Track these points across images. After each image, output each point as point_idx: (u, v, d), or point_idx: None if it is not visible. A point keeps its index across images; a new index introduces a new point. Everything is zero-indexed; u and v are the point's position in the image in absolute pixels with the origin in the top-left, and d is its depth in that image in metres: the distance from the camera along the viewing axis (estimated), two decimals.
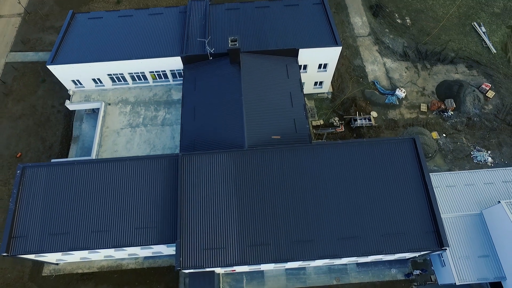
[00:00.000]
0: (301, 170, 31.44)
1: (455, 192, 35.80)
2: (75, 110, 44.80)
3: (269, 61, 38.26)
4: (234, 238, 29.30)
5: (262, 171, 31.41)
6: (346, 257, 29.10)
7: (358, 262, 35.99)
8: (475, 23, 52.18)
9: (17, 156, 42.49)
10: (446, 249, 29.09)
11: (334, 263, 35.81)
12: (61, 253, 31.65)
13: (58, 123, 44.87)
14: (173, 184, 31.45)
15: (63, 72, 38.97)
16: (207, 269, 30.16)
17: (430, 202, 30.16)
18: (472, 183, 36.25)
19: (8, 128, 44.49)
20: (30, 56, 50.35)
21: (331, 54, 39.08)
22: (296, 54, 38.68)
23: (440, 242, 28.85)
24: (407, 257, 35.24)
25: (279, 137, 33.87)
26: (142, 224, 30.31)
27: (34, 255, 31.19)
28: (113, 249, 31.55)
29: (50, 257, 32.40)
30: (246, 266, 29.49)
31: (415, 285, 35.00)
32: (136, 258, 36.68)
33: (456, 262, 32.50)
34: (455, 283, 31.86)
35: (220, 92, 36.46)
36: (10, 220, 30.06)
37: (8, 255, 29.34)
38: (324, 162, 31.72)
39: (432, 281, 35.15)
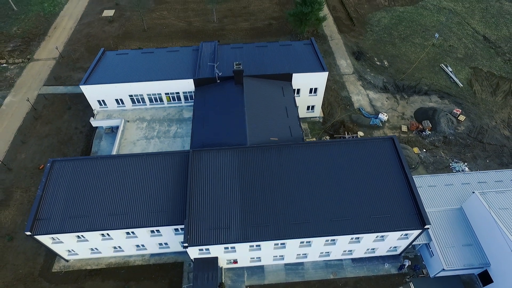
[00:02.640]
0: (296, 163, 35.93)
1: (436, 191, 39.71)
2: (95, 130, 50.56)
3: (268, 83, 45.41)
4: (237, 220, 32.50)
5: (262, 164, 35.84)
6: (338, 235, 31.98)
7: (353, 257, 38.16)
8: (442, 64, 61.29)
9: (40, 168, 46.84)
10: (428, 227, 32.15)
11: (331, 259, 37.99)
12: (76, 239, 34.42)
13: (79, 141, 50.18)
14: (183, 176, 35.59)
15: (92, 92, 45.74)
16: (212, 247, 32.59)
17: (411, 189, 34.04)
18: (451, 183, 40.37)
19: (35, 145, 49.65)
20: (60, 89, 57.96)
21: (319, 79, 46.41)
22: (290, 79, 46.01)
23: (422, 221, 32.08)
24: (398, 251, 37.59)
25: (277, 139, 39.07)
26: (154, 209, 33.69)
27: (51, 240, 34.01)
28: (125, 235, 34.47)
29: (65, 245, 34.81)
30: (247, 243, 31.95)
31: (407, 278, 36.64)
32: (143, 256, 38.72)
33: (443, 250, 35.06)
34: (443, 269, 34.04)
35: (226, 106, 42.71)
36: (37, 204, 33.52)
37: (31, 235, 32.16)
38: (316, 157, 36.37)
39: (424, 274, 36.88)
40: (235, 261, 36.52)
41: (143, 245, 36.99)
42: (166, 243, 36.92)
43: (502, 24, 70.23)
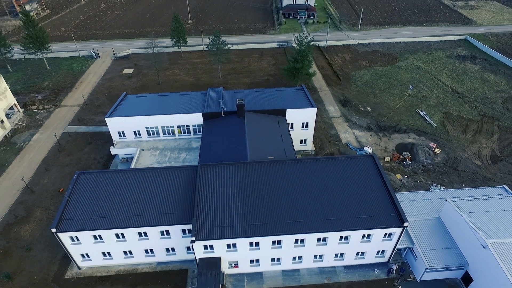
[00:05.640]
0: (291, 175, 41.38)
1: (416, 204, 44.45)
2: (112, 160, 56.73)
3: (266, 117, 53.23)
4: (239, 219, 36.91)
5: (261, 175, 41.29)
6: (328, 231, 36.15)
7: (345, 265, 41.16)
8: (418, 110, 70.31)
9: (60, 191, 51.81)
10: (407, 226, 36.46)
11: (324, 266, 41.00)
12: (93, 240, 38.18)
13: (96, 169, 55.85)
14: (192, 185, 40.74)
15: (114, 124, 53.22)
16: (215, 245, 36.28)
17: (390, 195, 39.10)
18: (429, 199, 45.29)
19: (56, 172, 55.29)
20: (82, 129, 65.67)
21: (309, 114, 54.39)
22: (284, 114, 53.98)
23: (401, 220, 36.58)
24: (386, 257, 40.84)
25: (273, 157, 45.20)
26: (166, 211, 38.26)
27: (70, 240, 37.85)
28: (137, 236, 38.34)
29: (82, 247, 38.37)
30: (248, 239, 35.79)
31: (396, 282, 39.27)
32: (150, 263, 41.65)
33: (425, 252, 38.68)
34: (426, 268, 37.29)
35: (230, 133, 49.80)
36: (63, 207, 38.19)
37: (56, 231, 36.25)
38: (308, 170, 42.02)
39: (411, 278, 39.63)
40: (236, 265, 39.58)
41: (151, 250, 40.38)
42: (173, 249, 40.35)
43: (467, 80, 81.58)
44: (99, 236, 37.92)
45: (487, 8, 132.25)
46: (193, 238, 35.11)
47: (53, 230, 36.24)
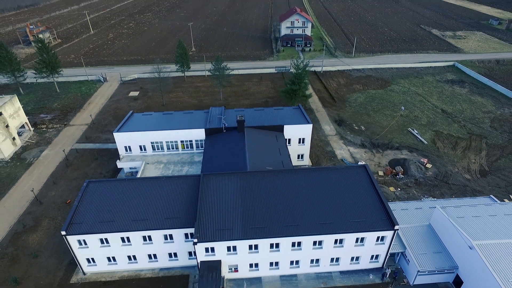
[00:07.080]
0: (288, 182, 43.87)
1: (408, 213, 46.62)
2: (117, 174, 59.29)
3: (264, 132, 56.54)
4: (239, 223, 39.08)
5: (260, 184, 43.79)
6: (324, 234, 38.18)
7: (341, 270, 42.67)
8: (409, 128, 73.83)
9: (67, 202, 53.97)
10: (397, 229, 38.56)
11: (321, 271, 42.48)
12: (99, 244, 40.04)
13: None
14: (195, 193, 43.16)
15: (122, 138, 56.37)
16: (216, 247, 38.14)
17: (382, 201, 41.49)
18: (420, 207, 47.51)
19: (64, 185, 57.69)
20: (89, 146, 68.74)
21: (305, 130, 57.73)
22: (282, 130, 57.33)
23: (392, 223, 38.75)
24: (380, 262, 42.43)
25: (271, 168, 47.91)
26: (170, 216, 40.47)
27: (78, 244, 39.73)
28: (142, 240, 40.25)
29: (89, 251, 40.14)
30: (247, 241, 37.68)
31: (390, 286, 40.62)
32: (153, 269, 43.12)
33: (416, 256, 40.47)
34: (418, 270, 38.95)
35: (230, 148, 52.83)
36: (73, 212, 40.43)
37: (66, 234, 38.27)
38: (304, 179, 44.53)
39: (404, 282, 41.03)
40: (236, 269, 41.11)
41: (155, 256, 42.03)
42: (175, 254, 42.04)
43: (456, 102, 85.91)
44: (106, 239, 39.86)
45: (473, 38, 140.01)
46: (196, 240, 37.10)
47: (63, 233, 38.27)
